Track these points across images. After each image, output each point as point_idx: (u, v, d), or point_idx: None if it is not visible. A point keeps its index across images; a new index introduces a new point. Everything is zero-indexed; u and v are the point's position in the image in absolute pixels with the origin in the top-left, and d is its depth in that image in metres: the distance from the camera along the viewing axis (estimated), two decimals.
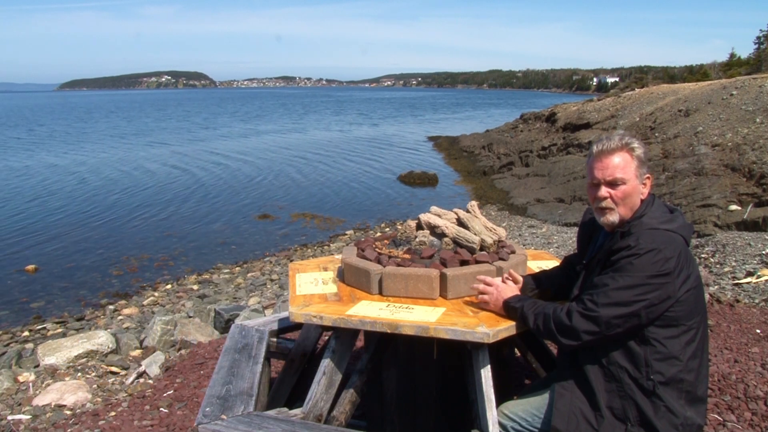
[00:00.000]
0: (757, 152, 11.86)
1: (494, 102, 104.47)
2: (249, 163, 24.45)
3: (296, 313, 2.24)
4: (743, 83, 17.58)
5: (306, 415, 2.23)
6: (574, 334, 1.89)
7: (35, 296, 9.14)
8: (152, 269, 10.55)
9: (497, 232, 2.64)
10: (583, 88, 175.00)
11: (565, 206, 14.09)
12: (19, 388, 4.87)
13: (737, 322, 4.08)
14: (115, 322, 7.79)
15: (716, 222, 10.14)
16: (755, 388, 2.94)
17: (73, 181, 19.70)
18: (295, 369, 2.93)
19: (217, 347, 4.88)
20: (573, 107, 25.44)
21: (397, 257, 2.50)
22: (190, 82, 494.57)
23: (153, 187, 18.78)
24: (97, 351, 5.60)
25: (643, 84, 35.75)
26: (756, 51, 43.93)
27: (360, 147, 30.82)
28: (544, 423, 2.01)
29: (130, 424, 3.59)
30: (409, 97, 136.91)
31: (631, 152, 1.97)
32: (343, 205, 16.21)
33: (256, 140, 34.73)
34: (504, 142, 24.66)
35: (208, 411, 2.24)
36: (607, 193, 1.98)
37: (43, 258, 10.97)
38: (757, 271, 5.49)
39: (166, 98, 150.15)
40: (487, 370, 2.07)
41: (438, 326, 2.02)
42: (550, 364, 2.74)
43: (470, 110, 73.27)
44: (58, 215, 14.61)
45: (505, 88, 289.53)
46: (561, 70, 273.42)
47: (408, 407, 2.61)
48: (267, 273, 9.97)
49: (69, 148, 31.12)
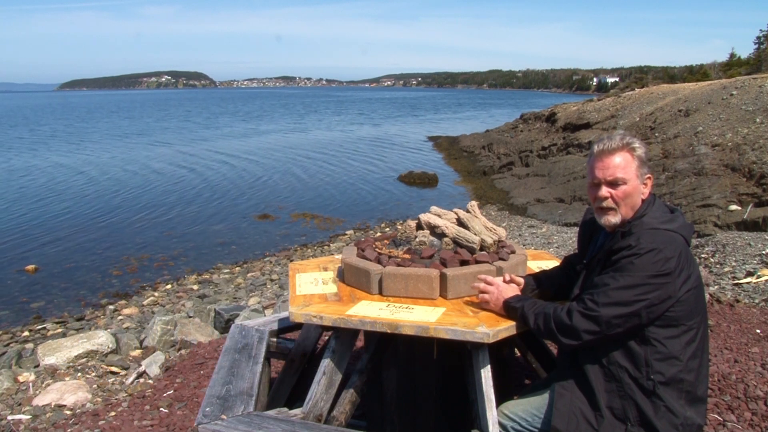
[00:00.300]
0: (757, 152, 11.87)
1: (495, 102, 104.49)
2: (249, 163, 24.45)
3: (296, 313, 2.24)
4: (743, 83, 17.58)
5: (306, 415, 2.22)
6: (575, 333, 1.89)
7: (35, 296, 9.14)
8: (152, 269, 10.55)
9: (497, 232, 2.64)
10: (583, 88, 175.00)
11: (565, 206, 14.09)
12: (19, 388, 4.87)
13: (737, 322, 4.08)
14: (115, 322, 7.79)
15: (716, 222, 10.14)
16: (755, 388, 2.94)
17: (72, 182, 19.70)
18: (295, 369, 2.93)
19: (217, 347, 4.88)
20: (573, 107, 25.44)
21: (397, 257, 2.50)
22: (190, 82, 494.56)
23: (153, 187, 18.78)
24: (97, 351, 5.60)
25: (643, 84, 35.75)
26: (756, 51, 43.94)
27: (361, 147, 30.83)
28: (544, 423, 2.01)
29: (130, 424, 3.59)
30: (409, 97, 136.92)
31: (632, 152, 1.97)
32: (343, 205, 16.21)
33: (257, 140, 34.76)
34: (504, 142, 24.66)
35: (208, 411, 2.24)
36: (608, 193, 1.97)
37: (43, 258, 10.97)
38: (757, 271, 5.49)
39: (166, 98, 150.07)
40: (487, 370, 2.07)
41: (438, 326, 2.02)
42: (550, 364, 2.74)
43: (471, 110, 73.31)
44: (58, 215, 14.61)
45: (505, 88, 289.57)
46: (561, 70, 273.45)
47: (408, 407, 2.61)
48: (267, 273, 9.97)
49: (71, 148, 31.17)
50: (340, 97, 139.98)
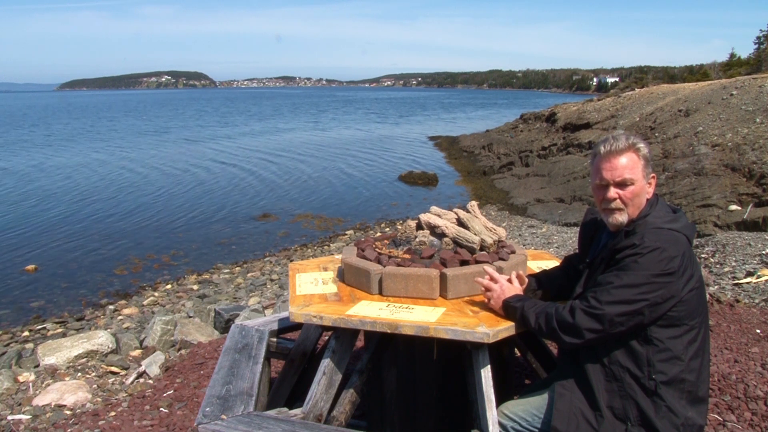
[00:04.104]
0: (757, 152, 11.87)
1: (501, 102, 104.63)
2: (250, 162, 24.45)
3: (296, 313, 2.24)
4: (743, 83, 17.58)
5: (306, 415, 2.22)
6: (577, 331, 1.89)
7: (35, 296, 9.13)
8: (152, 269, 10.55)
9: (497, 232, 2.64)
10: (583, 88, 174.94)
11: (565, 206, 14.09)
12: (19, 388, 4.87)
13: (737, 322, 4.07)
14: (115, 322, 7.79)
15: (716, 222, 10.14)
16: (755, 388, 2.94)
17: (72, 182, 19.69)
18: (295, 369, 2.93)
19: (217, 347, 4.88)
20: (573, 107, 25.46)
21: (397, 257, 2.50)
22: (190, 82, 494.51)
23: (153, 186, 18.78)
24: (97, 351, 5.60)
25: (643, 84, 35.76)
26: (756, 51, 43.96)
27: (363, 147, 30.84)
28: (544, 423, 2.00)
29: (130, 424, 3.59)
30: (414, 97, 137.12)
31: (638, 152, 1.97)
32: (343, 205, 16.21)
33: (271, 139, 35.22)
34: (504, 142, 24.67)
35: (208, 411, 2.24)
36: (617, 194, 1.97)
37: (43, 258, 10.97)
38: (757, 271, 5.49)
39: (172, 98, 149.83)
40: (487, 370, 2.06)
41: (438, 326, 2.01)
42: (550, 364, 2.73)
43: (482, 110, 73.63)
44: (58, 215, 14.60)
45: (505, 88, 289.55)
46: (561, 70, 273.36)
47: (408, 407, 2.61)
48: (267, 273, 9.97)
49: (97, 146, 31.60)
50: (345, 97, 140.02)
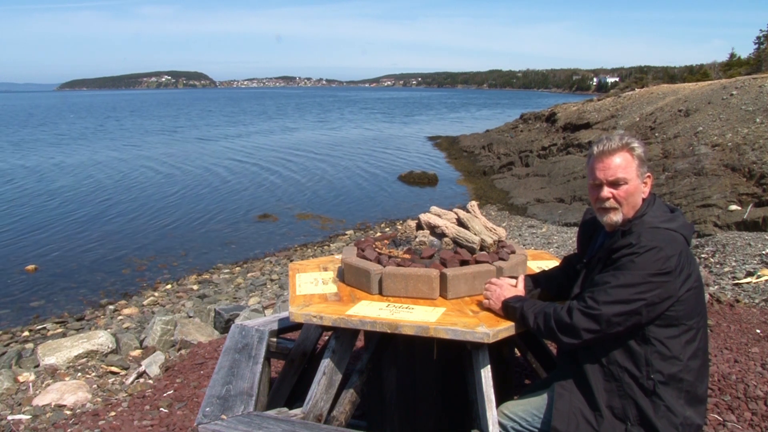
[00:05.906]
0: (757, 152, 11.87)
1: (503, 102, 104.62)
2: (250, 163, 24.45)
3: (296, 313, 2.24)
4: (743, 83, 17.58)
5: (306, 415, 2.22)
6: (575, 332, 1.89)
7: (35, 296, 9.13)
8: (152, 269, 10.55)
9: (497, 232, 2.64)
10: (583, 88, 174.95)
11: (565, 206, 14.09)
12: (19, 388, 4.87)
13: (737, 322, 4.07)
14: (115, 322, 7.79)
15: (716, 222, 10.14)
16: (755, 388, 2.94)
17: (71, 182, 19.69)
18: (295, 369, 2.93)
19: (217, 347, 4.88)
20: (573, 107, 25.45)
21: (397, 257, 2.50)
22: (190, 82, 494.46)
23: (153, 187, 18.78)
24: (97, 351, 5.60)
25: (643, 84, 35.75)
26: (756, 51, 43.94)
27: (364, 147, 30.83)
28: (544, 423, 2.01)
29: (130, 424, 3.59)
30: (417, 97, 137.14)
31: (632, 152, 1.98)
32: (343, 205, 16.21)
33: (264, 139, 35.24)
34: (504, 142, 24.67)
35: (208, 411, 2.24)
36: (610, 193, 1.98)
37: (43, 258, 10.96)
38: (757, 271, 5.48)
39: (173, 98, 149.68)
40: (487, 370, 2.06)
41: (438, 326, 2.01)
42: (550, 364, 2.74)
43: (486, 110, 73.77)
44: (58, 215, 14.60)
45: (505, 88, 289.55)
46: (561, 70, 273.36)
47: (408, 407, 2.61)
48: (267, 273, 9.97)
49: (108, 144, 31.79)
50: (347, 97, 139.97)
